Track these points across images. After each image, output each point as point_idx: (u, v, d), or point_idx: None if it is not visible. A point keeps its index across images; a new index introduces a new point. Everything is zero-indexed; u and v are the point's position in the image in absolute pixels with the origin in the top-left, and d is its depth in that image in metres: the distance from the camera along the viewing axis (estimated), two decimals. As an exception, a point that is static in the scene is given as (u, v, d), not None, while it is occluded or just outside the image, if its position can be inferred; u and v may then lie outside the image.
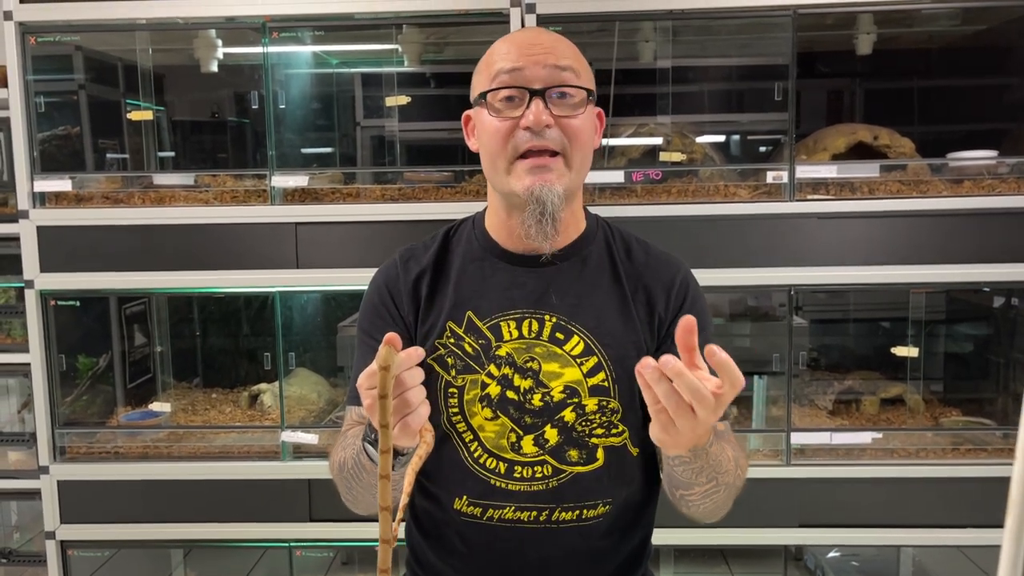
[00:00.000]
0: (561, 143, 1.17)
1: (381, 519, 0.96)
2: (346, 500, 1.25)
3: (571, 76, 1.17)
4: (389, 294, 1.28)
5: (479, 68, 1.23)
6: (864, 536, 2.25)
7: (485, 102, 1.19)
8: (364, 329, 1.29)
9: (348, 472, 1.18)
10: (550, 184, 1.16)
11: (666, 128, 2.32)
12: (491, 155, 1.20)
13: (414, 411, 1.00)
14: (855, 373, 2.60)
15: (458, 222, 1.35)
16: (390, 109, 2.55)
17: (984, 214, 2.13)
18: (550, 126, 1.15)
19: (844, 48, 2.46)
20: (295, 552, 2.36)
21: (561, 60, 1.17)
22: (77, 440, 2.37)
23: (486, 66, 1.21)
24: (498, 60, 1.18)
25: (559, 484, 1.22)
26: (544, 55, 1.16)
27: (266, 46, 2.23)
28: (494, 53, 1.21)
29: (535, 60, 1.16)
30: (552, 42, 1.19)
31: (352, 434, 1.21)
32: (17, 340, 2.43)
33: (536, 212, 1.16)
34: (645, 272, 1.28)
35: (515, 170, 1.17)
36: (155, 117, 2.68)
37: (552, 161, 1.17)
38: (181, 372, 2.82)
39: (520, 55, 1.16)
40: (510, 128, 1.16)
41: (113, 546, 2.42)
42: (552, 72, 1.16)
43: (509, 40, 1.22)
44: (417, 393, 1.00)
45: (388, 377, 0.95)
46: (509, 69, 1.16)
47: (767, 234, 2.16)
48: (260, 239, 2.24)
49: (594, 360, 1.22)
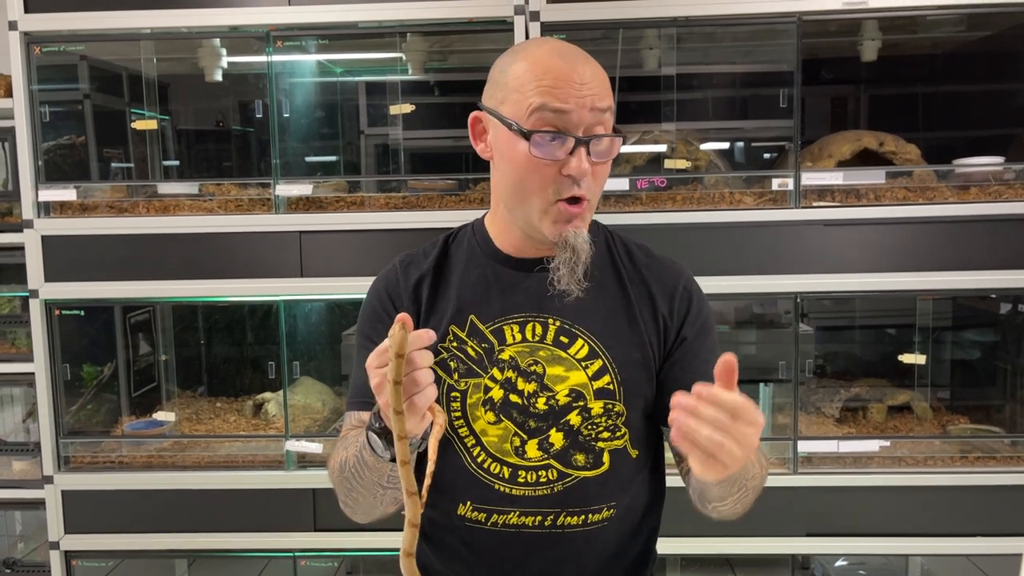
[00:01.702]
0: (591, 189, 1.16)
1: (408, 503, 0.97)
2: (345, 506, 1.24)
3: (609, 118, 1.15)
4: (389, 299, 1.28)
5: (509, 83, 1.15)
6: (872, 545, 2.23)
7: (523, 133, 1.13)
8: (365, 334, 1.28)
9: (349, 471, 1.16)
10: (579, 230, 1.17)
11: (671, 135, 2.32)
12: (523, 190, 1.16)
13: (422, 391, 0.99)
14: (862, 380, 2.59)
15: (457, 229, 1.35)
16: (394, 117, 2.55)
17: (991, 220, 2.12)
18: (588, 175, 1.14)
19: (849, 54, 2.46)
20: (299, 562, 2.35)
21: (602, 101, 1.13)
22: (81, 450, 2.37)
23: (520, 86, 1.13)
24: (540, 91, 1.11)
25: (564, 488, 1.21)
26: (591, 96, 1.12)
27: (270, 55, 2.23)
28: (531, 77, 1.13)
29: (582, 103, 1.12)
30: (594, 77, 1.14)
31: (353, 435, 1.20)
32: (22, 350, 2.43)
33: (570, 260, 1.16)
34: (648, 275, 1.28)
35: (551, 213, 1.16)
36: (159, 126, 2.69)
37: (583, 208, 1.16)
38: (185, 381, 2.82)
39: (567, 94, 1.11)
40: (553, 172, 1.13)
41: (117, 556, 2.41)
42: (596, 117, 1.13)
43: (547, 64, 1.13)
44: (426, 374, 0.99)
45: (402, 363, 0.94)
46: (556, 109, 1.11)
47: (772, 241, 2.16)
48: (264, 248, 2.24)
49: (599, 363, 1.21)
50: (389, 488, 1.13)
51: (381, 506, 1.19)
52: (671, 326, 1.25)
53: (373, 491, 1.15)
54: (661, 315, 1.25)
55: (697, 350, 1.25)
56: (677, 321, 1.25)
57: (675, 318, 1.25)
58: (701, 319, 1.28)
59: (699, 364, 1.23)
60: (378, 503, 1.18)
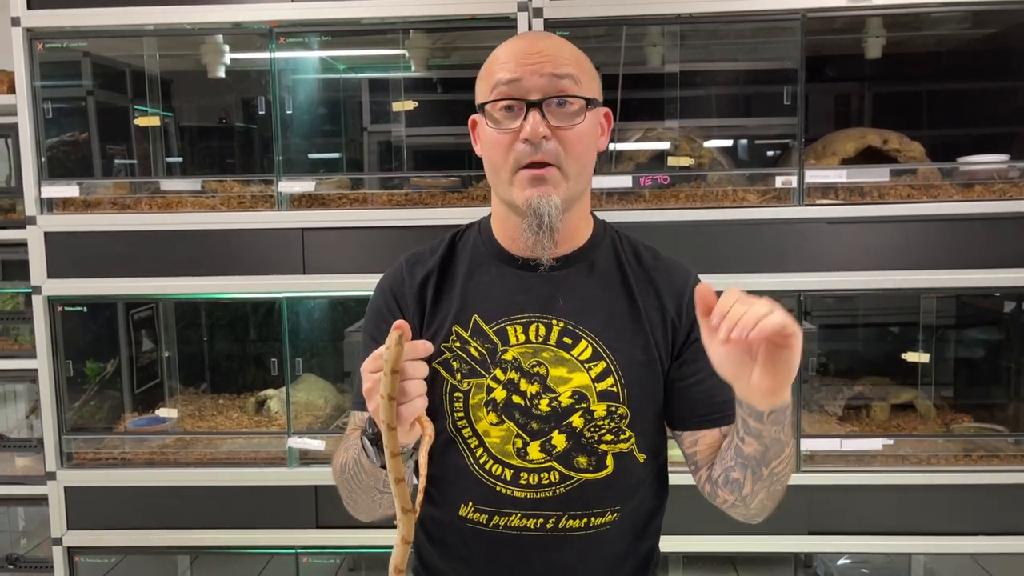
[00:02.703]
0: (556, 154, 1.16)
1: (401, 520, 0.97)
2: (347, 504, 1.24)
3: (570, 84, 1.16)
4: (394, 299, 1.28)
5: (481, 75, 1.22)
6: (875, 544, 2.23)
7: (485, 113, 1.18)
8: (370, 334, 1.29)
9: (348, 473, 1.17)
10: (548, 195, 1.16)
11: (674, 133, 2.31)
12: (493, 166, 1.20)
13: (409, 402, 0.99)
14: (865, 379, 2.58)
15: (464, 227, 1.35)
16: (397, 114, 2.54)
17: (995, 218, 2.11)
18: (547, 138, 1.15)
19: (853, 52, 2.45)
20: (301, 559, 2.35)
21: (560, 68, 1.15)
22: (84, 446, 2.37)
23: (487, 74, 1.20)
24: (497, 70, 1.17)
25: (566, 491, 1.21)
26: (542, 63, 1.15)
27: (273, 51, 2.23)
28: (494, 61, 1.19)
29: (533, 69, 1.15)
30: (552, 48, 1.17)
31: (354, 436, 1.20)
32: (24, 346, 2.43)
33: (534, 224, 1.16)
34: (655, 276, 1.27)
35: (516, 181, 1.17)
36: (162, 123, 2.68)
37: (548, 172, 1.16)
38: (188, 378, 2.82)
39: (518, 64, 1.15)
40: (510, 140, 1.16)
41: (119, 552, 2.41)
42: (550, 81, 1.15)
43: (508, 47, 1.20)
44: (416, 386, 1.00)
45: (395, 379, 0.94)
46: (507, 80, 1.15)
47: (776, 239, 2.15)
48: (267, 245, 2.24)
49: (602, 365, 1.21)
50: (386, 492, 1.13)
51: (380, 508, 1.20)
52: (680, 328, 1.25)
53: (371, 494, 1.16)
54: (670, 317, 1.24)
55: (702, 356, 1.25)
56: (687, 322, 1.24)
57: (684, 319, 1.25)
58: None
59: (707, 363, 1.23)
60: (376, 505, 1.19)
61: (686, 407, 1.25)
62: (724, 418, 1.22)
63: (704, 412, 1.24)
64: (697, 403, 1.24)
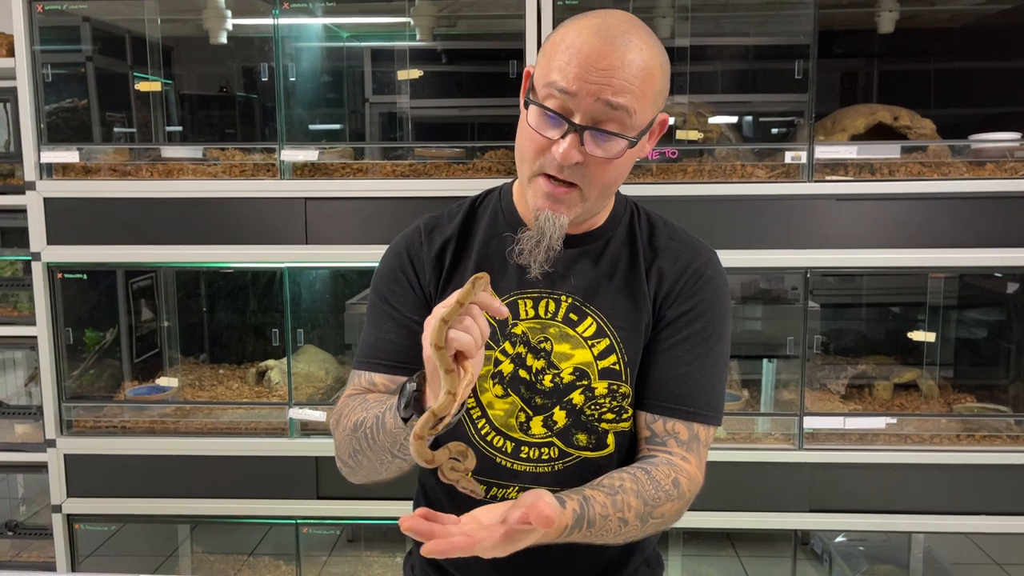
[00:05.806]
0: (583, 177, 1.11)
1: (444, 380, 0.96)
2: (346, 464, 1.21)
3: (622, 116, 1.08)
4: (410, 262, 1.25)
5: (544, 49, 1.12)
6: (875, 522, 2.23)
7: (530, 101, 1.11)
8: (381, 295, 1.26)
9: (364, 431, 1.14)
10: (558, 213, 1.13)
11: (683, 107, 2.28)
12: (520, 155, 1.16)
13: (468, 335, 0.97)
14: (868, 358, 2.58)
15: (485, 192, 1.32)
16: (401, 84, 2.51)
17: (1006, 197, 2.10)
18: (579, 163, 1.10)
19: (863, 27, 2.41)
20: (301, 529, 2.36)
21: (618, 95, 1.06)
22: (84, 414, 2.36)
23: (550, 53, 1.09)
24: (557, 64, 1.07)
25: (564, 467, 1.20)
26: (601, 86, 1.06)
27: (276, 18, 2.19)
28: (560, 46, 1.08)
29: (590, 90, 1.06)
30: (619, 65, 1.06)
31: (375, 399, 1.19)
32: (24, 313, 2.41)
33: (534, 238, 1.14)
34: (663, 254, 1.24)
35: (535, 184, 1.14)
36: (163, 90, 2.65)
37: (567, 194, 1.12)
38: (188, 347, 2.81)
39: (578, 76, 1.06)
40: (544, 146, 1.11)
41: (119, 520, 2.42)
42: (602, 109, 1.07)
43: (579, 42, 1.07)
44: (473, 326, 0.98)
45: (458, 310, 0.95)
46: (561, 88, 1.07)
47: (784, 215, 2.13)
48: (269, 214, 2.22)
49: (606, 342, 1.20)
50: (398, 457, 1.12)
51: (385, 472, 1.18)
52: (666, 301, 1.21)
53: (382, 456, 1.14)
54: (661, 296, 1.21)
55: (677, 344, 1.20)
56: (674, 296, 1.20)
57: (673, 294, 1.20)
58: (700, 314, 1.20)
59: (669, 364, 1.19)
60: (383, 468, 1.17)
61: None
62: (671, 410, 1.19)
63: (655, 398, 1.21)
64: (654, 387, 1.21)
